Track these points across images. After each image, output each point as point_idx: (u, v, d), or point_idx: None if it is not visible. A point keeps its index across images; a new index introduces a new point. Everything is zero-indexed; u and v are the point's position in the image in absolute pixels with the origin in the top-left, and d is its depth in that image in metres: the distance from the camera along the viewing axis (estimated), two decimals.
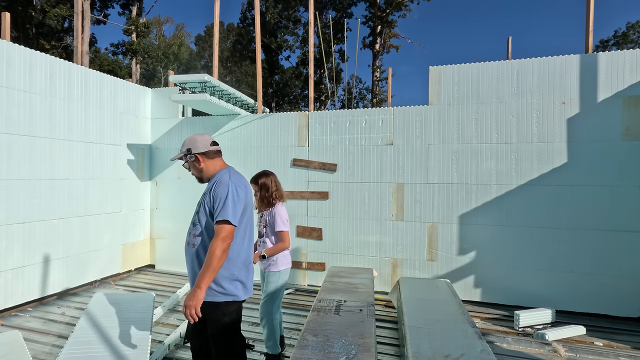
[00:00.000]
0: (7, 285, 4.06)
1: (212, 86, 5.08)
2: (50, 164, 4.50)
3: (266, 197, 2.98)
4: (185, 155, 2.21)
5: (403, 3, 19.35)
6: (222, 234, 1.98)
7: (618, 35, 23.93)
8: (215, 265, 1.96)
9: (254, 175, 3.06)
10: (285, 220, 2.96)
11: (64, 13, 17.91)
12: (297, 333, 3.58)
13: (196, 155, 2.18)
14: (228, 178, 2.11)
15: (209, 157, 2.21)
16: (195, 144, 2.19)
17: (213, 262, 1.95)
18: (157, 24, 31.40)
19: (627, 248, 4.05)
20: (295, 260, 5.24)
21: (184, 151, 2.21)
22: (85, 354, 2.78)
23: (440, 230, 4.68)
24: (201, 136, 2.23)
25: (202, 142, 2.19)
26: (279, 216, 2.93)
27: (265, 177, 3.01)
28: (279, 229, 2.92)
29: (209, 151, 2.20)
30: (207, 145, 2.20)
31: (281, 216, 2.94)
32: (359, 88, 24.21)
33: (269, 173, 3.06)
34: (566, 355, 3.22)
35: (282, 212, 2.96)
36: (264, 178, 3.00)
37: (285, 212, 3.02)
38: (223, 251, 1.97)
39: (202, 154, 2.18)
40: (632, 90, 4.04)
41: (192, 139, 2.22)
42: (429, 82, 4.73)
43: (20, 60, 4.18)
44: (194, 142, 2.19)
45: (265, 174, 3.04)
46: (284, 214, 2.98)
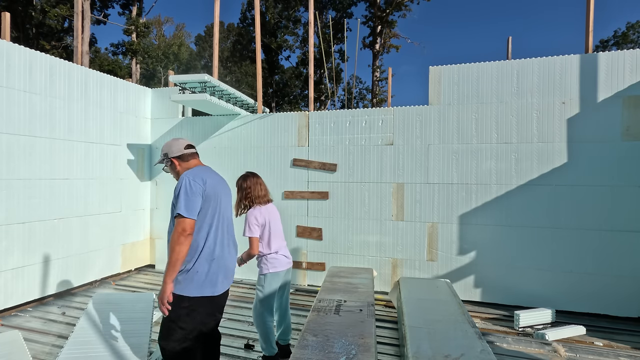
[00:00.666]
0: (7, 285, 4.06)
1: (212, 86, 5.08)
2: (50, 164, 4.50)
3: (241, 200, 2.94)
4: (163, 160, 2.36)
5: (403, 3, 19.34)
6: (178, 228, 2.04)
7: (618, 35, 23.93)
8: (173, 259, 2.03)
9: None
10: (251, 224, 2.82)
11: (64, 13, 17.91)
12: (297, 333, 3.58)
13: (171, 160, 2.32)
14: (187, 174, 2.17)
15: (184, 160, 2.33)
16: (171, 148, 2.33)
17: (171, 256, 2.04)
18: (157, 24, 31.40)
19: (627, 248, 4.05)
20: (295, 260, 5.24)
21: (162, 156, 2.36)
22: (85, 354, 2.78)
23: (440, 230, 4.68)
24: (176, 141, 2.36)
25: (176, 146, 2.32)
26: (246, 221, 2.85)
27: (242, 180, 2.97)
28: (244, 234, 2.84)
29: (183, 154, 2.32)
30: (181, 149, 2.32)
31: (249, 221, 2.83)
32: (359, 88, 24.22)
33: (248, 175, 2.99)
34: (566, 355, 3.22)
35: (249, 217, 2.84)
36: (241, 181, 2.97)
37: (256, 216, 2.86)
38: (179, 244, 2.02)
39: (177, 157, 2.32)
40: (632, 90, 4.04)
41: (168, 144, 2.36)
42: (429, 82, 4.73)
43: (20, 60, 4.18)
44: (170, 147, 2.34)
45: (244, 177, 2.99)
46: (253, 218, 2.84)
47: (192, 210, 2.08)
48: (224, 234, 2.27)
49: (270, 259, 2.93)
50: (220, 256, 2.22)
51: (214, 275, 2.18)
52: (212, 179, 2.24)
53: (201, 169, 2.28)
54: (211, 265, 2.17)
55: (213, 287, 2.17)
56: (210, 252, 2.17)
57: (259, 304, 2.91)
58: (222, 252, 2.24)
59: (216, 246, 2.20)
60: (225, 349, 3.30)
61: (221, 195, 2.29)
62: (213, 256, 2.18)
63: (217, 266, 2.20)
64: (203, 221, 2.16)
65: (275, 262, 2.94)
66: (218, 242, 2.22)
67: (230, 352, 3.26)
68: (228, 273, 2.28)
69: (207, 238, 2.17)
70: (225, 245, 2.28)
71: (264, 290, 2.91)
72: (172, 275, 2.05)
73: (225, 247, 2.27)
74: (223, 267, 2.23)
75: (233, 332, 3.68)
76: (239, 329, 3.76)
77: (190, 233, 2.06)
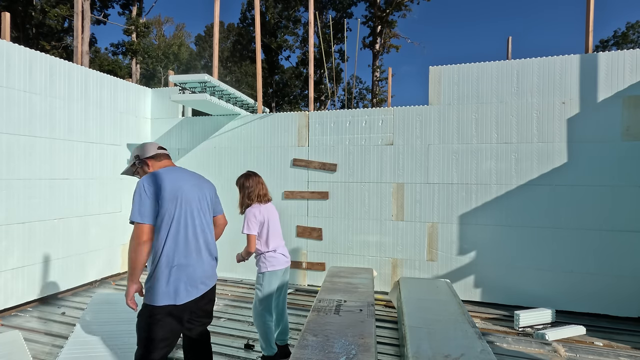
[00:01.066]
0: (7, 285, 4.06)
1: (212, 86, 5.08)
2: (50, 164, 4.50)
3: (242, 199, 2.97)
4: (134, 163, 2.29)
5: (403, 3, 19.35)
6: (133, 235, 1.98)
7: (618, 35, 23.94)
8: (130, 265, 1.98)
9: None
10: (250, 222, 2.85)
11: (64, 13, 17.91)
12: (297, 333, 3.58)
13: (145, 160, 2.26)
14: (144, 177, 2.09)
15: (157, 159, 2.28)
16: (143, 150, 2.29)
17: (129, 265, 1.99)
18: (157, 24, 31.40)
19: (627, 248, 4.05)
20: (295, 260, 5.24)
21: (134, 158, 2.30)
22: (85, 354, 2.78)
23: (440, 230, 4.68)
24: (148, 143, 2.32)
25: (149, 147, 2.29)
26: (245, 218, 2.88)
27: (244, 178, 3.00)
28: (242, 231, 2.87)
29: (157, 154, 2.28)
30: (154, 149, 2.28)
31: (247, 218, 2.86)
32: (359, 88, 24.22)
33: (250, 174, 3.02)
34: (566, 355, 3.22)
35: (248, 214, 2.87)
36: (243, 179, 3.00)
37: (255, 214, 2.88)
38: (134, 252, 1.95)
39: (151, 157, 2.26)
40: (632, 90, 4.04)
41: (140, 146, 2.32)
42: (429, 82, 4.73)
43: (20, 60, 4.18)
44: (141, 149, 2.29)
45: (245, 175, 3.02)
46: (252, 216, 2.86)
47: (146, 215, 1.98)
48: (189, 239, 2.10)
49: (269, 257, 2.94)
50: (183, 264, 2.07)
51: (175, 284, 2.03)
52: (174, 182, 2.11)
53: (167, 170, 2.18)
54: (171, 272, 2.03)
55: (175, 296, 2.03)
56: (169, 259, 2.04)
57: (258, 303, 2.92)
58: (186, 259, 2.08)
59: (177, 253, 2.05)
60: (225, 349, 3.30)
61: (189, 198, 2.14)
62: (173, 263, 2.04)
63: (179, 274, 2.05)
64: (160, 226, 2.04)
65: (274, 261, 2.94)
66: (180, 248, 2.07)
67: (230, 352, 3.26)
68: (195, 281, 2.11)
69: (165, 244, 2.04)
70: (192, 251, 2.11)
71: (263, 288, 2.92)
72: (131, 280, 2.03)
73: (191, 253, 2.10)
74: (186, 275, 2.07)
75: (233, 332, 3.68)
76: (239, 329, 3.76)
77: (146, 239, 1.96)
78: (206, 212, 2.27)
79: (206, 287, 2.20)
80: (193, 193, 2.18)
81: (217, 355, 3.19)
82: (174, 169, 2.24)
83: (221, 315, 4.10)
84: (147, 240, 1.97)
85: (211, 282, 2.25)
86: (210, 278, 2.24)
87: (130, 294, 2.06)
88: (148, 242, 1.98)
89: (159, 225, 2.04)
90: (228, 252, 5.59)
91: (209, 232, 2.28)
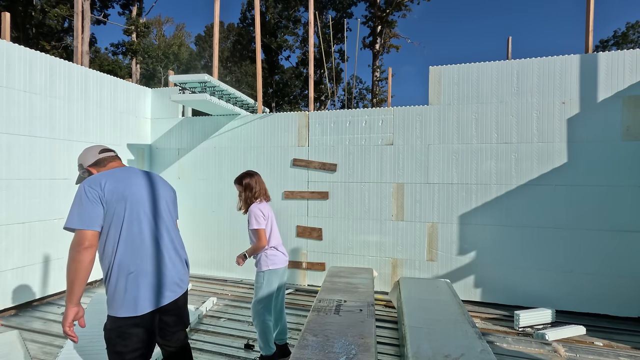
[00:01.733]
0: (7, 285, 4.07)
1: (212, 86, 5.08)
2: (50, 164, 4.50)
3: (249, 198, 2.98)
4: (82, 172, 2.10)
5: (403, 3, 19.34)
6: (72, 242, 1.74)
7: (618, 35, 23.95)
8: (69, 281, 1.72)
9: (238, 176, 3.06)
10: (257, 217, 2.87)
11: (64, 13, 17.91)
12: (297, 333, 3.58)
13: (88, 169, 2.05)
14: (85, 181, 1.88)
15: (101, 165, 2.06)
16: (85, 157, 2.07)
17: (67, 276, 1.73)
18: (157, 24, 31.41)
19: (627, 248, 4.05)
20: (295, 260, 5.24)
21: (79, 168, 2.10)
22: (85, 354, 2.78)
23: (440, 230, 4.68)
24: (89, 149, 2.10)
25: (90, 153, 2.07)
26: (252, 214, 2.89)
27: (249, 178, 3.01)
28: (252, 227, 2.89)
29: (98, 159, 2.06)
30: (95, 155, 2.06)
31: (255, 214, 2.88)
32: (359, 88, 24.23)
33: (253, 173, 3.04)
34: (566, 355, 3.22)
35: (255, 210, 2.89)
36: (249, 179, 3.00)
37: (261, 209, 2.91)
38: (73, 261, 1.71)
39: (93, 165, 2.05)
40: (632, 90, 4.04)
41: (81, 154, 2.10)
42: (429, 82, 4.73)
43: (20, 60, 4.18)
44: (83, 157, 2.08)
45: (250, 175, 3.03)
46: (258, 211, 2.89)
47: (87, 220, 1.75)
48: (144, 242, 1.89)
49: (270, 255, 2.95)
50: (142, 270, 1.86)
51: (134, 292, 1.83)
52: (121, 181, 1.90)
53: (113, 170, 1.97)
54: (128, 280, 1.82)
55: (135, 307, 1.82)
56: (123, 266, 1.83)
57: (257, 302, 2.92)
58: (144, 264, 1.87)
59: (132, 258, 1.84)
60: (225, 349, 3.30)
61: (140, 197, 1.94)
62: (129, 270, 1.83)
63: (137, 281, 1.84)
64: (109, 231, 1.83)
65: (275, 259, 2.96)
66: (136, 253, 1.86)
67: (230, 352, 3.26)
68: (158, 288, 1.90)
69: (117, 250, 1.83)
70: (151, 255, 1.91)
71: (263, 287, 2.92)
72: (73, 298, 1.73)
73: (149, 257, 1.90)
74: (146, 282, 1.86)
75: (233, 332, 3.68)
76: (239, 329, 3.76)
77: (87, 246, 1.72)
78: (165, 213, 2.05)
79: (174, 294, 1.98)
80: (143, 192, 1.97)
81: (217, 355, 3.19)
82: (121, 169, 2.02)
83: (221, 316, 4.10)
84: (89, 247, 1.73)
85: (180, 288, 2.02)
86: (179, 284, 2.02)
87: (68, 320, 1.74)
88: (90, 249, 1.74)
89: (107, 229, 1.83)
90: (228, 251, 5.60)
91: (174, 234, 2.07)
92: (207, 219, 5.65)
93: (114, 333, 1.85)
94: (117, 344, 1.84)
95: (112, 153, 2.12)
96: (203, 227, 5.68)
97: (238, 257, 2.98)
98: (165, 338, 2.06)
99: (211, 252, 5.66)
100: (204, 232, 5.68)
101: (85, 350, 2.82)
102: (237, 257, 2.99)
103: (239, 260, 2.97)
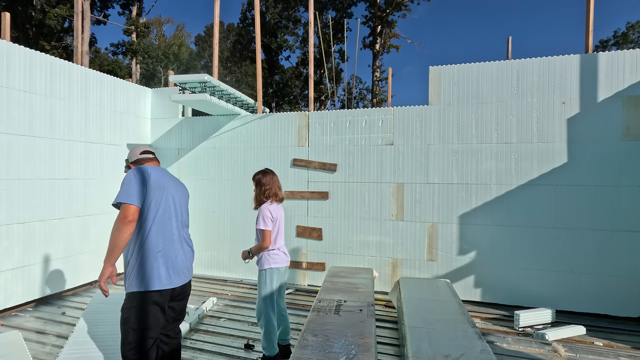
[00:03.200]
0: (7, 285, 4.06)
1: (212, 86, 5.08)
2: (50, 164, 4.50)
3: (258, 195, 3.01)
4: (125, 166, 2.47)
5: (403, 3, 19.34)
6: (119, 215, 2.04)
7: (618, 36, 23.95)
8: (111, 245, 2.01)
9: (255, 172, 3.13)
10: (266, 218, 2.90)
11: (64, 13, 17.91)
12: (297, 333, 3.58)
13: (130, 165, 2.43)
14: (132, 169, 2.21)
15: (140, 164, 2.39)
16: (131, 154, 2.45)
17: (110, 242, 2.03)
18: (157, 24, 31.41)
19: (627, 248, 4.05)
20: (295, 260, 5.24)
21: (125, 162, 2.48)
22: (85, 354, 2.78)
23: (440, 230, 4.68)
24: (135, 148, 2.47)
25: (134, 152, 2.44)
26: (261, 214, 2.93)
27: (261, 175, 3.04)
28: (258, 227, 2.92)
29: (138, 159, 2.41)
30: (136, 155, 2.42)
31: (263, 214, 2.91)
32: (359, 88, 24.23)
33: (268, 171, 3.08)
34: (566, 355, 3.22)
35: (264, 211, 2.92)
36: (260, 175, 3.04)
37: (271, 211, 2.94)
38: (118, 231, 2.00)
39: (134, 162, 2.41)
40: (632, 90, 4.04)
41: (130, 151, 2.48)
42: (429, 82, 4.73)
43: (20, 60, 4.18)
44: (131, 154, 2.45)
45: (263, 172, 3.06)
46: (267, 212, 2.92)
47: (132, 196, 2.05)
48: (171, 229, 2.21)
49: (272, 254, 2.97)
50: (166, 250, 2.16)
51: (159, 269, 2.11)
52: (160, 176, 2.24)
53: (153, 166, 2.30)
54: (157, 257, 2.11)
55: (159, 281, 2.10)
56: (154, 244, 2.12)
57: (261, 302, 2.92)
58: (169, 246, 2.18)
59: (159, 239, 2.14)
60: (225, 349, 3.30)
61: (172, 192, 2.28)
62: (158, 248, 2.12)
63: (164, 259, 2.14)
64: (147, 212, 2.12)
65: (277, 258, 2.98)
66: (165, 235, 2.17)
67: (230, 352, 3.26)
68: (176, 269, 2.20)
69: (149, 230, 2.12)
70: (176, 240, 2.23)
71: (265, 286, 2.93)
72: (109, 258, 2.03)
73: (174, 242, 2.21)
74: (168, 262, 2.16)
75: (233, 332, 3.68)
76: (239, 329, 3.76)
77: (131, 220, 2.02)
78: (183, 210, 2.38)
79: (185, 278, 2.29)
80: (174, 189, 2.32)
81: (217, 355, 3.19)
82: (159, 168, 2.35)
83: (221, 316, 4.10)
84: (132, 220, 2.02)
85: (190, 274, 2.35)
86: (190, 269, 2.35)
87: (104, 276, 2.07)
88: (133, 222, 2.03)
89: (146, 210, 2.11)
90: (228, 251, 5.60)
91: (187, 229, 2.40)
92: (207, 219, 5.65)
93: (134, 311, 2.07)
94: (137, 320, 2.07)
95: (151, 155, 2.46)
96: (203, 226, 5.68)
97: (244, 252, 3.02)
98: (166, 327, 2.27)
99: (211, 251, 5.66)
100: (203, 232, 5.68)
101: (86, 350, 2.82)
102: (242, 252, 3.03)
103: (244, 254, 3.02)
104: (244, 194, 5.46)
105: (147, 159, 2.42)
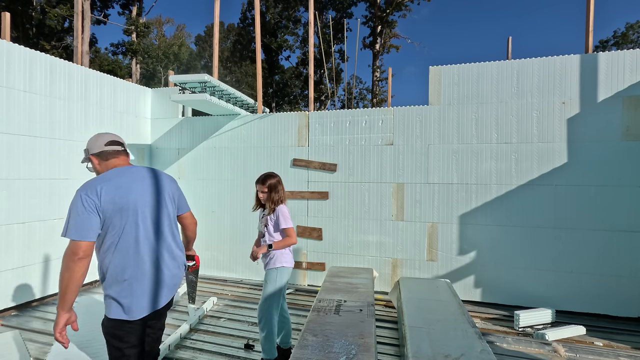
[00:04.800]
0: (7, 285, 4.06)
1: (212, 86, 5.08)
2: (50, 164, 4.50)
3: (275, 200, 3.02)
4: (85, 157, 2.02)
5: (403, 3, 19.34)
6: (67, 250, 1.72)
7: (618, 36, 23.97)
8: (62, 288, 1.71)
9: (261, 176, 3.06)
10: (288, 217, 3.00)
11: (64, 13, 17.92)
12: (297, 333, 3.58)
13: (90, 157, 1.98)
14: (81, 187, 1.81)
15: (103, 158, 1.96)
16: (93, 144, 1.97)
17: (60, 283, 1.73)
18: (158, 24, 31.41)
19: (627, 248, 4.05)
20: (295, 260, 5.22)
21: (84, 152, 2.01)
22: (85, 353, 2.78)
23: (440, 230, 4.68)
24: (99, 136, 1.99)
25: (97, 142, 1.97)
26: (281, 214, 2.96)
27: (273, 179, 3.05)
28: (284, 227, 2.94)
29: (102, 152, 1.95)
30: (100, 145, 1.95)
31: (284, 214, 2.98)
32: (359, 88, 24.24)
33: (276, 175, 3.10)
34: (566, 355, 3.22)
35: (284, 211, 3.00)
36: (273, 180, 3.03)
37: (288, 210, 3.07)
38: (67, 270, 1.70)
39: (96, 155, 1.96)
40: (632, 90, 4.04)
41: (91, 139, 1.99)
42: (429, 82, 4.73)
43: (20, 60, 4.18)
44: (92, 142, 1.98)
45: (273, 176, 3.07)
46: (286, 210, 3.02)
47: (83, 231, 1.72)
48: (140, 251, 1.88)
49: (285, 253, 2.98)
50: (135, 277, 1.86)
51: (127, 299, 1.84)
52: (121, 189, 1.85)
53: (115, 173, 1.90)
54: (122, 287, 1.84)
55: (128, 312, 1.85)
56: (119, 272, 1.84)
57: (266, 301, 2.86)
58: (139, 272, 1.87)
59: (127, 266, 1.84)
60: (225, 349, 3.30)
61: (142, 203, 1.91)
62: (123, 277, 1.84)
63: (131, 289, 1.85)
64: (104, 239, 1.83)
65: (288, 258, 2.99)
66: (131, 262, 1.85)
67: (230, 352, 3.26)
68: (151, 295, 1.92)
69: (112, 258, 1.84)
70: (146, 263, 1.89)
71: (275, 284, 2.88)
72: (64, 304, 1.72)
73: (143, 265, 1.89)
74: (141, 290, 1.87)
75: (233, 332, 3.68)
76: (239, 329, 3.76)
77: (82, 257, 1.71)
78: (165, 215, 2.03)
79: (166, 298, 2.01)
80: (146, 197, 1.94)
81: (217, 355, 3.19)
82: (122, 171, 1.93)
83: (221, 316, 4.10)
84: (83, 257, 1.71)
85: (172, 292, 2.04)
86: (171, 288, 2.03)
87: (59, 326, 1.73)
88: (84, 259, 1.72)
89: (104, 237, 1.83)
90: (228, 251, 5.60)
91: (171, 237, 2.05)
92: (207, 219, 5.65)
93: (110, 331, 1.89)
94: (114, 341, 1.90)
95: (118, 147, 2.00)
96: (203, 227, 5.67)
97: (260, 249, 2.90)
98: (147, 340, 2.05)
99: (211, 251, 5.66)
100: (204, 232, 5.67)
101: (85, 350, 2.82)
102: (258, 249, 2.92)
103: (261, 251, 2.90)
104: (244, 194, 5.46)
105: (113, 153, 1.97)
